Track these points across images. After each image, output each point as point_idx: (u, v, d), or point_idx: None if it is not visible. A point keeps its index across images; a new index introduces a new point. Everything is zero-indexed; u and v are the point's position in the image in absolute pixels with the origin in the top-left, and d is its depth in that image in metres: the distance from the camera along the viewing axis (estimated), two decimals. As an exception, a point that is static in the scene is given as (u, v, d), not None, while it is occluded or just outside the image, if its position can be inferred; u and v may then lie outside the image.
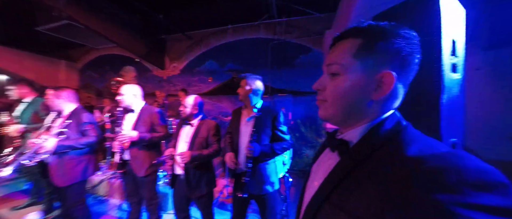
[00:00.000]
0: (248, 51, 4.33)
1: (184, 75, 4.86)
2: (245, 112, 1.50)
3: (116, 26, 3.77)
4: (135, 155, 1.73)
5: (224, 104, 4.48)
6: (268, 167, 1.43)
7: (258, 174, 1.39)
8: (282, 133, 1.43)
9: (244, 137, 1.42)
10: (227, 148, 1.53)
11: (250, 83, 1.42)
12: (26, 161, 1.54)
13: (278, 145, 1.39)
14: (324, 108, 0.47)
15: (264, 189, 1.39)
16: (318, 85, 0.47)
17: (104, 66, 5.67)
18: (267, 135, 1.40)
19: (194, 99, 1.63)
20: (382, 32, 0.40)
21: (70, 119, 1.63)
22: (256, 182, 1.38)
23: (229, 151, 1.49)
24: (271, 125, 1.41)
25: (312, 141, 3.93)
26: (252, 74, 1.47)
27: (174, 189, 1.69)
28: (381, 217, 0.33)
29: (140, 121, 1.77)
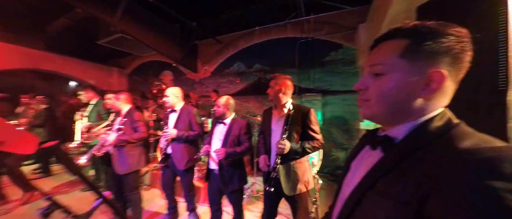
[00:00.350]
0: (275, 52, 4.35)
1: (214, 77, 5.16)
2: (276, 111, 1.53)
3: (157, 35, 4.24)
4: (176, 150, 1.93)
5: (251, 104, 4.60)
6: (301, 166, 1.43)
7: (291, 173, 1.39)
8: (314, 132, 1.41)
9: (275, 136, 1.45)
10: (261, 149, 1.57)
11: (279, 83, 1.44)
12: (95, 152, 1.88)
13: (309, 143, 1.38)
14: (367, 108, 0.48)
15: (297, 189, 1.40)
16: (360, 86, 0.48)
17: (147, 71, 6.43)
18: (298, 134, 1.41)
19: (226, 100, 1.73)
20: (430, 32, 0.40)
21: (125, 118, 1.93)
22: (289, 182, 1.39)
23: (263, 152, 1.54)
24: (302, 123, 1.41)
25: (342, 142, 3.72)
26: (282, 74, 1.49)
27: (209, 183, 1.83)
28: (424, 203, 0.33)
29: (180, 119, 1.97)
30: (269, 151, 1.48)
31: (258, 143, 1.64)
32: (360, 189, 0.46)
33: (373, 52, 0.48)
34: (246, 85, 4.71)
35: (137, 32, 3.79)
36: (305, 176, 1.44)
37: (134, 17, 3.68)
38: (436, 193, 0.32)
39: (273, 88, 1.45)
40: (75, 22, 4.75)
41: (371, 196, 0.43)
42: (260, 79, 4.47)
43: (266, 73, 4.45)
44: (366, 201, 0.44)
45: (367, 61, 0.49)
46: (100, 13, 3.24)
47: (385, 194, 0.40)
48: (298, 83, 4.00)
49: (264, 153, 1.54)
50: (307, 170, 1.47)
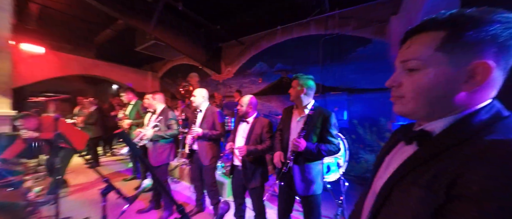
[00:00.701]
0: (297, 50, 4.29)
1: (237, 78, 5.33)
2: (297, 111, 1.53)
3: (185, 40, 4.57)
4: (201, 147, 2.07)
5: (273, 104, 4.62)
6: (315, 168, 1.42)
7: (305, 174, 1.40)
8: (331, 136, 1.39)
9: (293, 135, 1.46)
10: (277, 146, 1.60)
11: (301, 84, 1.44)
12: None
13: (325, 146, 1.36)
14: (401, 105, 0.46)
15: (311, 189, 1.40)
16: (392, 83, 0.47)
17: (176, 74, 6.97)
18: (316, 135, 1.40)
19: (249, 99, 1.80)
20: (471, 20, 0.37)
21: (160, 115, 2.15)
22: (303, 182, 1.40)
23: (279, 149, 1.56)
24: (321, 126, 1.39)
25: (371, 144, 3.48)
26: (304, 74, 1.49)
27: (232, 178, 1.92)
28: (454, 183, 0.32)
29: (205, 119, 2.11)
30: (286, 149, 1.50)
31: (275, 139, 1.67)
32: (391, 181, 0.46)
33: (405, 47, 0.45)
34: (268, 85, 4.75)
35: (168, 38, 4.15)
36: (319, 178, 1.43)
37: (165, 25, 4.04)
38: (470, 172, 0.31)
39: (295, 88, 1.45)
40: (117, 33, 5.41)
41: (400, 187, 0.43)
42: (282, 78, 4.46)
43: (288, 73, 4.42)
44: (395, 192, 0.44)
45: (398, 56, 0.47)
46: (138, 24, 3.64)
47: (414, 183, 0.39)
48: (321, 82, 3.87)
49: (280, 150, 1.56)
50: (320, 172, 1.46)
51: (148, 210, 2.42)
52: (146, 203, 2.54)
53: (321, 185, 1.44)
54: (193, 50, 4.82)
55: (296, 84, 1.45)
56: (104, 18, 4.81)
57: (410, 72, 0.43)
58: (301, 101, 1.45)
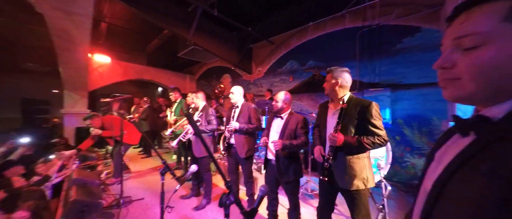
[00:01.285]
0: (331, 46, 4.10)
1: (268, 77, 5.40)
2: (332, 105, 1.49)
3: (220, 43, 4.90)
4: (238, 141, 2.20)
5: (304, 102, 4.52)
6: (359, 161, 1.35)
7: (347, 167, 1.34)
8: (374, 127, 1.29)
9: (330, 130, 1.42)
10: (316, 142, 1.58)
11: (335, 77, 1.40)
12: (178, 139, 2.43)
13: (369, 138, 1.28)
14: (457, 88, 0.41)
15: (354, 184, 1.33)
16: (444, 63, 0.42)
17: (211, 75, 7.50)
18: (354, 127, 1.33)
19: (284, 95, 1.83)
20: None
21: (201, 112, 2.38)
22: (345, 175, 1.35)
23: (318, 144, 1.54)
24: (360, 117, 1.32)
25: (421, 147, 3.05)
26: (338, 67, 1.44)
27: (266, 172, 1.98)
28: None
29: (241, 114, 2.24)
30: (324, 144, 1.47)
31: (313, 135, 1.65)
32: (445, 175, 0.42)
33: (458, 22, 0.41)
34: (299, 83, 4.67)
35: (204, 43, 4.53)
36: (364, 172, 1.34)
37: (202, 31, 4.42)
38: None
39: (329, 82, 1.42)
40: (163, 42, 6.18)
41: (456, 179, 0.39)
42: (314, 76, 4.32)
43: (320, 70, 4.26)
44: (450, 186, 0.40)
45: (449, 34, 0.42)
46: (180, 31, 4.10)
47: (473, 173, 0.36)
48: (359, 78, 3.60)
49: (319, 143, 1.54)
50: (366, 166, 1.37)
51: (189, 197, 2.70)
52: (187, 190, 2.84)
53: (369, 180, 1.35)
54: (226, 52, 5.12)
55: (330, 78, 1.42)
56: (153, 29, 5.58)
57: (467, 51, 0.39)
58: (336, 94, 1.41)
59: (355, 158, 1.34)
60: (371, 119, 1.29)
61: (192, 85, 8.39)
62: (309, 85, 4.44)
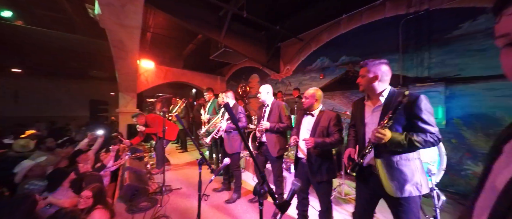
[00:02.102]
0: (367, 39, 3.75)
1: (296, 76, 5.28)
2: (370, 102, 1.34)
3: (249, 44, 5.03)
4: (270, 139, 2.21)
5: (336, 101, 4.25)
6: (409, 164, 1.18)
7: (395, 170, 1.18)
8: (425, 123, 1.12)
9: (370, 129, 1.28)
10: (350, 143, 1.46)
11: (373, 70, 1.25)
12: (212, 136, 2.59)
13: (419, 136, 1.11)
14: None
15: (405, 190, 1.16)
16: None
17: (240, 76, 7.75)
18: (401, 125, 1.17)
19: (314, 91, 1.76)
20: None
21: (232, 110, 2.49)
22: (392, 180, 1.18)
23: (352, 146, 1.42)
24: (406, 113, 1.15)
25: (482, 150, 2.52)
26: (375, 59, 1.30)
27: (296, 171, 1.94)
28: None
29: (272, 113, 2.25)
30: (363, 145, 1.33)
31: (349, 136, 1.53)
32: None
33: None
34: (330, 80, 4.42)
35: (235, 44, 4.71)
36: (417, 176, 1.16)
37: (232, 33, 4.61)
38: None
39: (365, 76, 1.28)
40: (197, 46, 6.68)
41: None
42: (348, 72, 4.02)
43: (355, 65, 3.94)
44: None
45: None
46: (212, 35, 4.36)
47: None
48: (402, 72, 3.20)
49: (352, 146, 1.42)
50: (418, 169, 1.18)
51: (221, 191, 2.85)
52: (219, 184, 3.00)
53: (423, 186, 1.18)
54: (254, 52, 5.22)
55: (365, 72, 1.28)
56: (189, 35, 6.09)
57: None
58: (374, 89, 1.27)
59: (403, 159, 1.18)
60: (421, 114, 1.12)
61: (222, 86, 8.82)
62: (342, 82, 4.15)
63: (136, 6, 2.92)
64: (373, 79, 1.25)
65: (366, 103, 1.37)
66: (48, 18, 4.67)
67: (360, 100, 1.45)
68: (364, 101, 1.38)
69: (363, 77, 1.30)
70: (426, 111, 1.13)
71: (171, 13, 3.69)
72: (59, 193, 1.96)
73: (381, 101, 1.25)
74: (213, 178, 1.36)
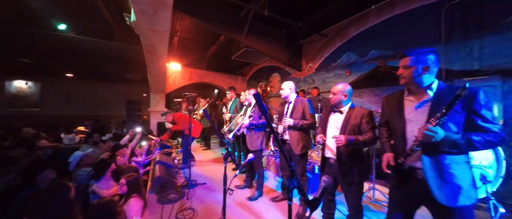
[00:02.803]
0: (401, 29, 3.41)
1: (319, 73, 5.07)
2: (412, 97, 1.18)
3: (270, 43, 5.00)
4: (292, 137, 2.16)
5: (364, 99, 3.95)
6: (462, 168, 1.02)
7: (446, 175, 1.02)
8: (486, 121, 0.95)
9: (413, 128, 1.13)
10: (385, 146, 1.32)
11: (420, 60, 1.09)
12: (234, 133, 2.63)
13: (478, 135, 0.95)
14: None
15: (458, 198, 0.99)
16: None
17: (261, 75, 7.77)
18: (455, 123, 1.01)
19: (342, 87, 1.65)
20: None
21: (254, 108, 2.50)
22: (443, 186, 1.02)
23: (388, 150, 1.28)
24: (462, 109, 0.99)
25: None
26: (419, 48, 1.15)
27: (323, 172, 1.84)
28: None
29: (295, 109, 2.19)
30: (401, 145, 1.19)
31: (381, 137, 1.38)
32: None
33: None
34: (357, 77, 4.14)
35: (256, 43, 4.74)
36: (471, 183, 1.01)
37: (253, 33, 4.64)
38: None
39: (407, 68, 1.13)
40: (219, 47, 6.90)
41: None
42: (378, 67, 3.71)
43: (386, 60, 3.62)
44: None
45: None
46: (234, 36, 4.45)
47: None
48: (444, 65, 2.83)
49: (390, 150, 1.27)
50: (472, 175, 1.03)
51: (243, 188, 2.88)
52: (241, 181, 3.04)
53: (474, 194, 1.02)
54: (275, 51, 5.17)
55: (406, 62, 1.13)
56: (212, 37, 6.33)
57: None
58: (420, 82, 1.11)
59: (455, 163, 1.02)
60: (481, 110, 0.96)
61: (243, 86, 8.95)
62: (371, 78, 3.84)
63: (165, 12, 3.14)
64: (420, 71, 1.09)
65: (406, 98, 1.21)
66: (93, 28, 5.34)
67: (396, 95, 1.30)
68: (403, 96, 1.23)
69: (406, 68, 1.14)
70: (487, 107, 0.97)
71: (195, 17, 3.88)
72: (102, 183, 2.20)
73: (429, 96, 1.10)
74: (238, 173, 1.37)
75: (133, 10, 3.13)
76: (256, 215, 2.25)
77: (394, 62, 3.48)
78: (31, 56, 7.16)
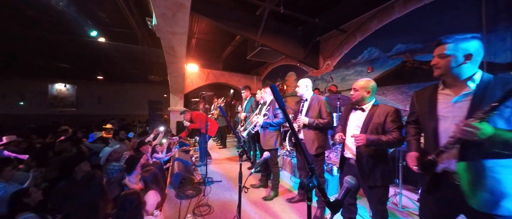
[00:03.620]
0: (433, 20, 3.10)
1: (338, 71, 4.85)
2: (449, 90, 1.04)
3: (285, 41, 4.91)
4: (308, 136, 2.08)
5: (389, 97, 3.67)
6: (509, 172, 0.88)
7: (486, 178, 0.89)
8: None
9: (449, 124, 0.99)
10: (412, 144, 1.19)
11: (456, 47, 0.96)
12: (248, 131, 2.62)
13: None
14: None
15: (503, 206, 0.87)
16: None
17: (276, 74, 7.69)
18: (504, 119, 0.87)
19: (365, 82, 1.54)
20: None
21: (269, 106, 2.46)
22: (481, 191, 0.89)
23: (413, 149, 1.16)
24: None
25: None
26: (458, 34, 1.00)
27: (342, 173, 1.74)
28: None
29: (310, 108, 2.11)
30: (433, 145, 1.05)
31: (408, 134, 1.25)
32: None
33: None
34: (381, 74, 3.86)
35: (271, 42, 4.69)
36: None
37: (269, 31, 4.59)
38: None
39: (445, 58, 0.98)
40: (235, 48, 6.98)
41: None
42: (405, 62, 3.42)
43: (414, 54, 3.31)
44: None
45: None
46: (250, 35, 4.45)
47: None
48: (486, 57, 2.50)
49: (415, 149, 1.15)
50: None
51: (258, 187, 2.86)
52: (256, 181, 3.02)
53: None
54: (291, 49, 5.06)
55: (443, 50, 0.99)
56: (228, 38, 6.42)
57: None
58: (459, 73, 0.97)
59: (501, 165, 0.89)
60: None
61: (258, 86, 8.95)
62: (397, 75, 3.55)
63: (183, 14, 3.26)
64: (460, 60, 0.96)
65: (441, 93, 1.08)
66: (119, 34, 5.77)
67: (428, 89, 1.16)
68: (437, 90, 1.10)
69: (442, 57, 1.00)
70: None
71: (211, 17, 3.96)
72: (133, 176, 2.37)
73: (470, 88, 0.96)
74: (253, 171, 1.35)
75: (154, 13, 3.30)
76: (272, 215, 2.21)
77: (423, 56, 3.17)
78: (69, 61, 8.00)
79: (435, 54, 1.05)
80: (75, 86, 10.92)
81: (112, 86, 11.48)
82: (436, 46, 1.05)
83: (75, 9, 4.28)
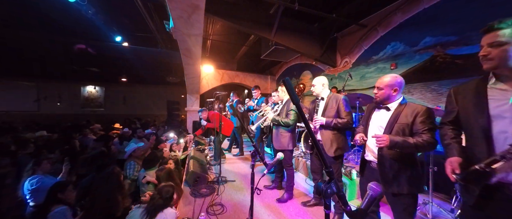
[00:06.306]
0: (468, 9, 2.75)
1: (357, 69, 4.57)
2: (503, 85, 0.88)
3: (300, 39, 4.77)
4: (326, 137, 1.97)
5: (415, 96, 3.35)
6: None
7: None
8: None
9: (505, 126, 0.84)
10: (451, 148, 1.02)
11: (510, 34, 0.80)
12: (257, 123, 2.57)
13: None
14: None
15: None
16: None
17: (291, 74, 7.52)
18: None
19: (391, 79, 1.39)
20: None
21: (284, 105, 2.39)
22: None
23: (456, 154, 0.99)
24: None
25: None
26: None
27: (363, 177, 1.61)
28: None
29: (328, 107, 1.99)
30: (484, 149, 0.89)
31: (444, 138, 1.09)
32: None
33: None
34: (405, 70, 3.55)
35: (286, 40, 4.58)
36: None
37: (283, 29, 4.49)
38: None
39: (500, 45, 0.83)
40: (248, 48, 6.98)
41: None
42: (435, 57, 3.08)
43: (445, 47, 2.97)
44: None
45: None
46: (264, 34, 4.40)
47: None
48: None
49: (458, 154, 0.98)
50: None
51: (272, 188, 2.79)
52: (269, 182, 2.96)
53: None
54: (307, 47, 4.90)
55: (496, 37, 0.83)
56: (242, 38, 6.45)
57: None
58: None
59: None
60: None
61: (272, 85, 8.85)
62: (425, 71, 3.23)
63: (198, 16, 3.32)
64: None
65: (492, 88, 0.92)
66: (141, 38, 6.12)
67: (472, 84, 1.00)
68: (487, 85, 0.94)
69: (496, 46, 0.84)
70: None
71: (225, 18, 3.99)
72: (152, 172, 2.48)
73: None
74: (266, 172, 1.30)
75: (171, 16, 3.42)
76: (285, 218, 2.14)
77: (457, 50, 2.83)
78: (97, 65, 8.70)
79: (484, 44, 0.89)
80: (103, 88, 11.85)
81: (135, 88, 12.25)
82: (485, 33, 0.89)
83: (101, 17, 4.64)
